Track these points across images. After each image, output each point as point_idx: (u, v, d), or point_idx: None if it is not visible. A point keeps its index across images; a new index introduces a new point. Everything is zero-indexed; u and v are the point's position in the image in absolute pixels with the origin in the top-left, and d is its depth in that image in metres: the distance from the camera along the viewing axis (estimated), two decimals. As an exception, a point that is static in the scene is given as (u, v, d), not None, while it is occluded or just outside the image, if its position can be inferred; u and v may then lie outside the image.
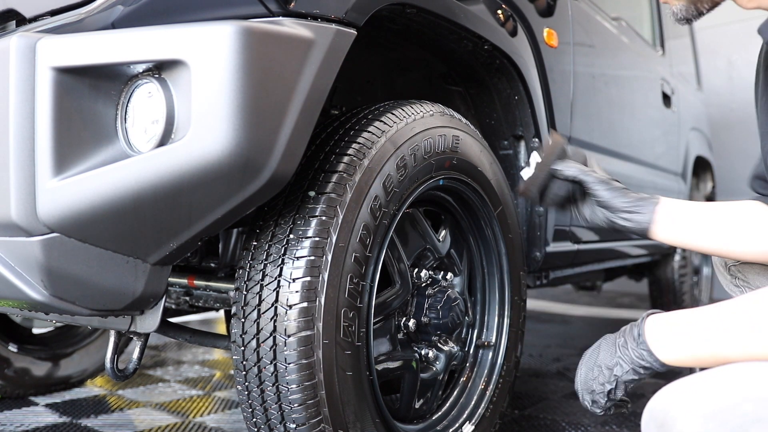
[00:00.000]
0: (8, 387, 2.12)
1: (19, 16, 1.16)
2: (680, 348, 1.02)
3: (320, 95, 1.09)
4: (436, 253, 1.52)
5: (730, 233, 1.26)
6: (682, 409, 0.92)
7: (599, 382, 1.09)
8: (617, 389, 1.08)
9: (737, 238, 1.26)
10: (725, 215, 1.27)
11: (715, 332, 0.99)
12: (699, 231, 1.27)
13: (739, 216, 1.27)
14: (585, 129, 2.19)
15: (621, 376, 1.07)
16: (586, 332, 3.92)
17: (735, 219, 1.27)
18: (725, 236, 1.26)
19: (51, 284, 1.01)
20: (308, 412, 1.14)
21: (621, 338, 1.09)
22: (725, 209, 1.28)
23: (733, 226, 1.26)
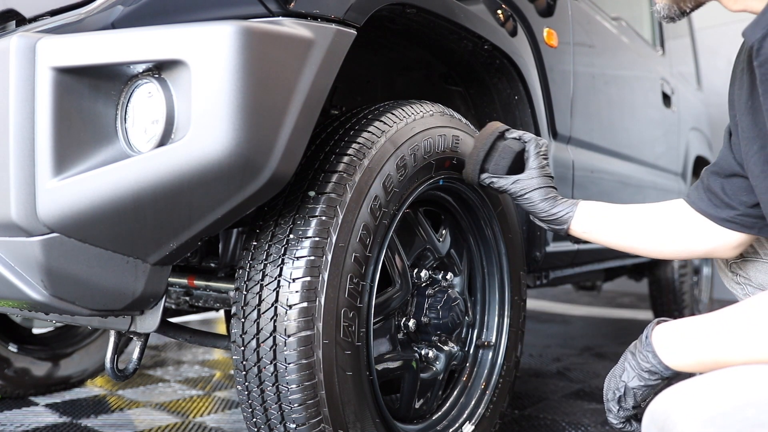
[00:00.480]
0: (8, 387, 2.12)
1: (19, 16, 1.16)
2: (685, 352, 1.03)
3: (320, 95, 1.09)
4: (436, 253, 1.52)
5: (647, 231, 1.31)
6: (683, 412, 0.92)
7: (611, 390, 1.11)
8: (626, 396, 1.09)
9: (653, 235, 1.31)
10: (644, 213, 1.33)
11: (719, 337, 1.00)
12: (620, 227, 1.32)
13: (658, 214, 1.32)
14: (585, 129, 2.19)
15: (628, 382, 1.08)
16: (586, 332, 3.92)
17: (654, 217, 1.32)
18: (642, 233, 1.32)
19: (51, 284, 1.01)
20: (308, 412, 1.14)
21: (631, 347, 1.11)
22: (648, 208, 1.34)
23: (651, 224, 1.31)
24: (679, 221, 1.30)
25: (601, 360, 3.03)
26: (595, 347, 3.34)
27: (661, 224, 1.32)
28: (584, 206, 1.34)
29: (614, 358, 3.04)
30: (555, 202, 1.34)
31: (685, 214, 1.29)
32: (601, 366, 2.90)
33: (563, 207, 1.33)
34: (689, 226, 1.28)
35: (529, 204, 1.34)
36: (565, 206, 1.33)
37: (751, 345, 0.96)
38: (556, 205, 1.33)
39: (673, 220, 1.30)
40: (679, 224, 1.29)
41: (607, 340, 3.60)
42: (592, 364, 2.93)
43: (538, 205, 1.33)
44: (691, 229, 1.28)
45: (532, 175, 1.34)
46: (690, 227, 1.28)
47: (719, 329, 1.00)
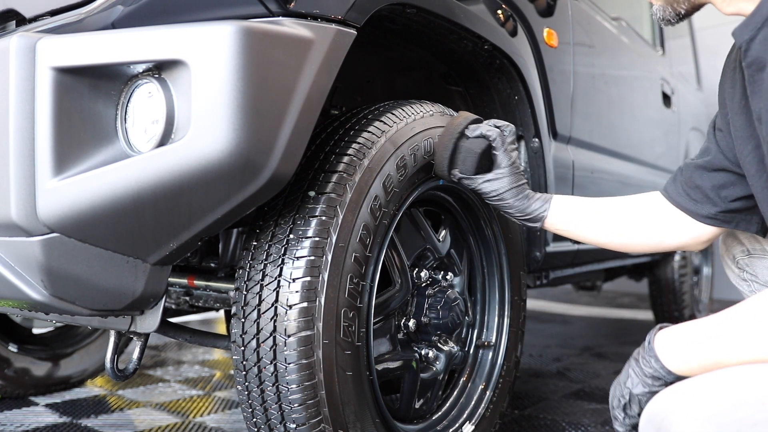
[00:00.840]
0: (8, 387, 2.12)
1: (19, 16, 1.16)
2: (687, 356, 1.03)
3: (320, 95, 1.09)
4: (436, 253, 1.52)
5: (620, 225, 1.32)
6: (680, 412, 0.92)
7: (616, 398, 1.12)
8: (632, 403, 1.09)
9: (626, 229, 1.32)
10: (621, 206, 1.33)
11: (720, 339, 1.00)
12: (592, 221, 1.32)
13: (632, 208, 1.32)
14: (585, 129, 2.19)
15: (633, 388, 1.08)
16: (586, 332, 3.92)
17: (628, 211, 1.32)
18: (615, 227, 1.32)
19: (51, 284, 1.01)
20: (308, 412, 1.14)
21: (634, 354, 1.12)
22: (622, 201, 1.33)
23: (624, 218, 1.32)
24: (653, 215, 1.30)
25: (601, 360, 3.03)
26: (595, 347, 3.34)
27: (635, 218, 1.32)
28: (558, 201, 1.33)
29: (614, 358, 3.04)
30: (528, 200, 1.32)
31: (660, 207, 1.29)
32: (601, 366, 2.90)
33: (537, 204, 1.32)
34: (663, 220, 1.29)
35: (502, 204, 1.33)
36: (538, 203, 1.32)
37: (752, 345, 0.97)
38: (530, 203, 1.32)
39: (647, 213, 1.31)
40: (653, 218, 1.30)
41: (607, 340, 3.60)
42: (592, 364, 2.93)
43: (511, 204, 1.32)
44: (666, 222, 1.28)
45: (501, 174, 1.31)
46: (664, 221, 1.29)
47: (720, 331, 1.01)
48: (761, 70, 1.01)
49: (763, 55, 1.00)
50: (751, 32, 1.02)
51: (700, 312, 3.86)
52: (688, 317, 3.61)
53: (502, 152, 1.31)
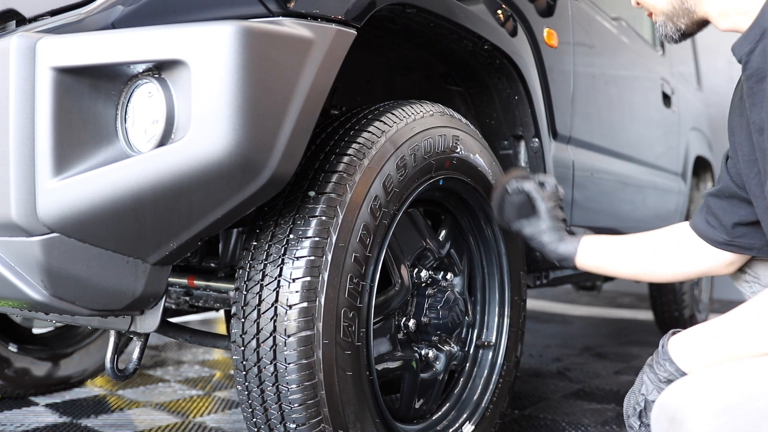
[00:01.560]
0: (8, 387, 2.11)
1: (19, 16, 1.16)
2: (701, 357, 1.04)
3: (320, 95, 1.09)
4: (436, 253, 1.52)
5: (650, 257, 1.40)
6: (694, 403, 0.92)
7: (632, 406, 1.12)
8: (647, 410, 1.09)
9: (651, 262, 1.40)
10: (646, 240, 1.42)
11: (731, 337, 1.02)
12: (619, 256, 1.43)
13: (657, 241, 1.40)
14: (585, 129, 2.19)
15: (648, 395, 1.09)
16: (586, 332, 3.92)
17: (652, 244, 1.40)
18: (644, 259, 1.41)
19: (51, 284, 1.01)
20: (308, 412, 1.14)
21: (648, 361, 1.12)
22: (648, 235, 1.44)
23: (649, 251, 1.40)
24: (678, 245, 1.36)
25: (601, 360, 3.03)
26: (595, 347, 3.34)
27: (661, 250, 1.38)
28: (587, 241, 1.44)
29: (614, 358, 3.04)
30: (560, 243, 1.45)
31: (686, 237, 1.34)
32: (601, 366, 2.90)
33: (568, 246, 1.44)
34: (688, 248, 1.34)
35: (539, 245, 1.48)
36: (569, 245, 1.44)
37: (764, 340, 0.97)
38: (562, 244, 1.45)
39: (672, 244, 1.37)
40: (678, 248, 1.36)
41: (607, 340, 3.60)
42: (592, 364, 2.93)
43: (547, 246, 1.46)
44: (690, 251, 1.34)
45: (540, 219, 1.46)
46: (688, 250, 1.34)
47: (733, 329, 1.02)
48: (761, 81, 1.03)
49: (762, 65, 1.02)
50: (750, 45, 1.05)
51: (700, 312, 3.85)
52: (688, 317, 3.60)
53: (540, 202, 1.46)
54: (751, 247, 1.25)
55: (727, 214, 1.25)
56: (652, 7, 1.22)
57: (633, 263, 1.41)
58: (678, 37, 1.21)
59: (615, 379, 2.65)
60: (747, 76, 1.07)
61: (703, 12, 1.17)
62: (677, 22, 1.19)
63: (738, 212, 1.24)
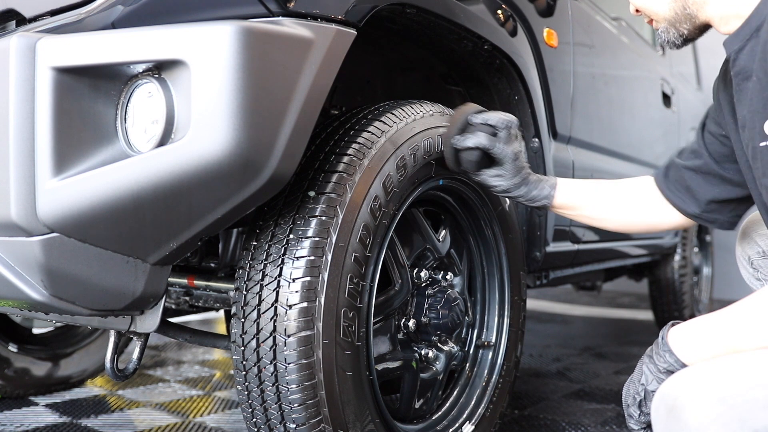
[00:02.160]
0: (8, 387, 2.11)
1: (19, 16, 1.16)
2: (701, 348, 1.05)
3: (320, 95, 1.09)
4: (436, 253, 1.52)
5: (617, 207, 1.44)
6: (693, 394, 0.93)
7: (631, 396, 1.12)
8: (647, 400, 1.10)
9: (622, 211, 1.44)
10: (616, 189, 1.45)
11: (733, 329, 1.03)
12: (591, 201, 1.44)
13: (629, 191, 1.44)
14: (585, 129, 2.19)
15: (647, 385, 1.09)
16: (586, 332, 3.92)
17: (624, 194, 1.44)
18: (612, 209, 1.44)
19: (51, 284, 1.01)
20: (308, 412, 1.14)
21: (647, 351, 1.13)
22: (618, 184, 1.46)
23: (621, 201, 1.44)
24: (648, 201, 1.41)
25: (601, 360, 3.03)
26: (595, 347, 3.34)
27: (633, 202, 1.43)
28: (562, 186, 1.42)
29: (614, 358, 3.04)
30: (532, 187, 1.38)
31: (654, 195, 1.40)
32: (601, 366, 2.90)
33: (542, 191, 1.39)
34: (657, 206, 1.40)
35: (509, 195, 1.39)
36: (544, 190, 1.39)
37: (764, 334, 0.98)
38: (535, 190, 1.38)
39: (643, 199, 1.42)
40: (648, 203, 1.41)
41: (607, 340, 3.60)
42: (592, 364, 2.93)
43: (517, 194, 1.38)
44: (659, 209, 1.40)
45: (503, 170, 1.35)
46: (657, 208, 1.40)
47: (733, 321, 1.03)
48: (747, 80, 1.06)
49: (749, 65, 1.05)
50: (740, 43, 1.08)
51: (700, 312, 3.86)
52: (688, 317, 3.60)
53: (499, 151, 1.32)
54: (716, 221, 1.34)
55: (703, 190, 1.31)
56: (654, 14, 1.23)
57: (603, 209, 1.44)
58: (680, 43, 1.23)
59: (615, 379, 2.65)
60: (735, 73, 1.10)
61: (705, 17, 1.18)
62: (680, 27, 1.21)
63: (713, 190, 1.30)
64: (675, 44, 1.23)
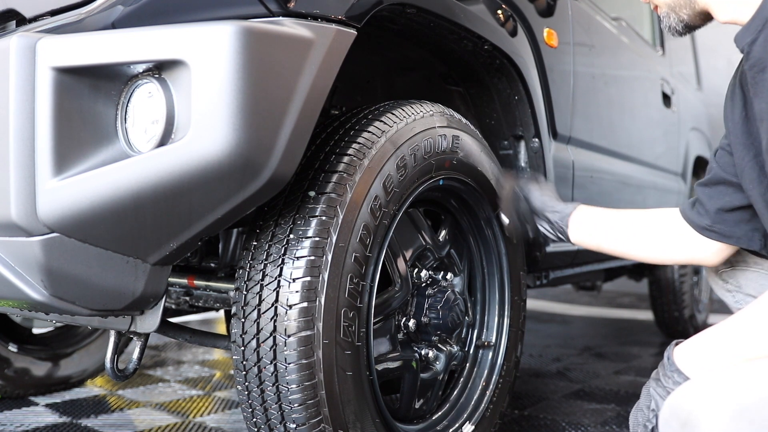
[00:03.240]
0: (8, 387, 2.11)
1: (19, 16, 1.16)
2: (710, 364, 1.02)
3: (320, 95, 1.09)
4: (436, 253, 1.52)
5: (640, 237, 1.39)
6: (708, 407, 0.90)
7: (641, 425, 1.10)
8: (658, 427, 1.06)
9: (644, 242, 1.39)
10: (638, 219, 1.42)
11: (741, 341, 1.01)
12: (610, 233, 1.41)
13: (649, 221, 1.40)
14: (585, 129, 2.19)
15: (658, 410, 1.06)
16: (586, 332, 3.92)
17: (644, 223, 1.40)
18: (635, 239, 1.40)
19: (51, 284, 1.01)
20: (308, 412, 1.14)
21: (654, 376, 1.11)
22: (640, 214, 1.43)
23: (640, 230, 1.40)
24: (666, 228, 1.36)
25: (601, 360, 3.03)
26: (595, 347, 3.34)
27: (650, 231, 1.39)
28: (582, 210, 1.44)
29: (614, 358, 3.04)
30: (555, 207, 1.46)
31: (674, 221, 1.35)
32: (601, 366, 2.90)
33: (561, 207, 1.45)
34: (674, 233, 1.34)
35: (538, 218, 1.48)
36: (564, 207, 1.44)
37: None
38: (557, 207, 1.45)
39: (661, 226, 1.37)
40: (666, 231, 1.36)
41: (607, 340, 3.60)
42: (592, 364, 2.93)
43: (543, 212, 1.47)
44: (676, 236, 1.34)
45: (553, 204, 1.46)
46: (675, 234, 1.34)
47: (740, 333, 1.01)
48: (763, 71, 1.03)
49: (764, 56, 1.02)
50: (753, 35, 1.04)
51: (700, 312, 3.85)
52: (688, 317, 3.60)
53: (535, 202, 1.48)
54: (731, 236, 1.26)
55: (712, 199, 1.27)
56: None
57: (624, 241, 1.41)
58: (682, 29, 1.21)
59: (615, 379, 2.65)
60: (749, 66, 1.07)
61: (704, 3, 1.16)
62: (679, 12, 1.19)
63: (722, 198, 1.26)
64: (677, 31, 1.22)
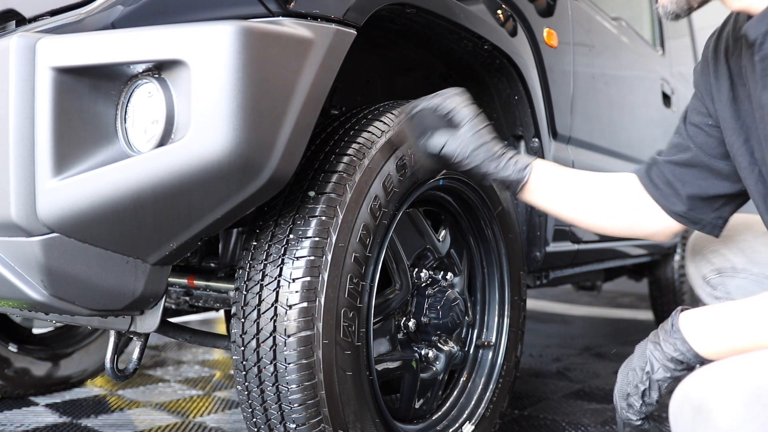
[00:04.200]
0: (8, 387, 2.12)
1: (19, 16, 1.16)
2: (718, 339, 0.98)
3: (320, 95, 1.09)
4: (436, 253, 1.52)
5: (595, 203, 1.28)
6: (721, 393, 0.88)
7: (633, 384, 1.06)
8: (651, 390, 1.04)
9: (600, 209, 1.29)
10: (595, 185, 1.29)
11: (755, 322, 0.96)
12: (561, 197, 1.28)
13: (608, 189, 1.29)
14: (585, 129, 2.19)
15: (653, 373, 1.03)
16: (586, 332, 3.92)
17: (603, 190, 1.29)
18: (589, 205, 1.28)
19: (51, 284, 1.01)
20: (308, 412, 1.14)
21: (652, 338, 1.06)
22: (598, 180, 1.30)
23: (599, 197, 1.29)
24: (628, 199, 1.28)
25: (601, 360, 3.03)
26: (595, 347, 3.34)
27: (610, 200, 1.29)
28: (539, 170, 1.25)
29: (614, 358, 3.04)
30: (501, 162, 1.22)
31: (636, 193, 1.28)
32: (601, 366, 2.90)
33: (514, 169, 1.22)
34: (637, 206, 1.27)
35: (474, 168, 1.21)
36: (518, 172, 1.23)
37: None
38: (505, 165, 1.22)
39: (623, 197, 1.29)
40: (627, 202, 1.28)
41: (607, 340, 3.60)
42: (592, 364, 2.93)
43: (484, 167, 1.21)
44: (640, 210, 1.27)
45: (461, 134, 1.19)
46: (638, 208, 1.27)
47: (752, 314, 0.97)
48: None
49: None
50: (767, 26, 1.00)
51: (700, 312, 3.85)
52: (688, 317, 3.60)
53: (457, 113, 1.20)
54: (700, 222, 1.23)
55: (686, 184, 1.22)
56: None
57: (575, 207, 1.28)
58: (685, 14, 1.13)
59: (615, 379, 2.65)
60: (761, 58, 1.02)
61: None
62: None
63: (700, 184, 1.21)
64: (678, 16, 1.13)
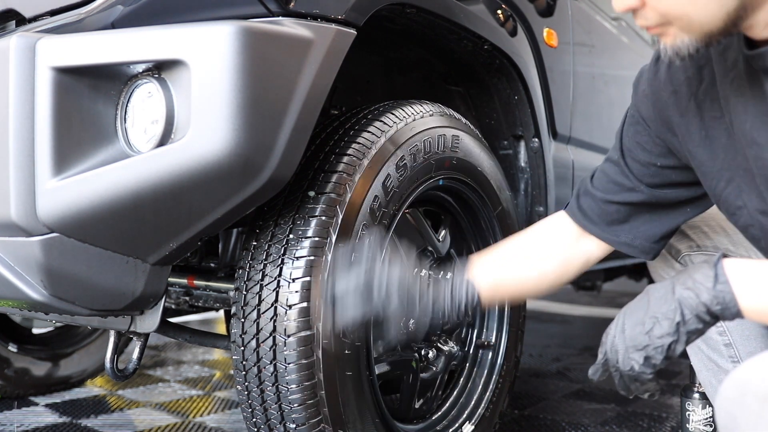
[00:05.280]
0: (8, 387, 2.11)
1: (19, 16, 1.16)
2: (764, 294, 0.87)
3: (320, 95, 1.09)
4: (436, 253, 1.52)
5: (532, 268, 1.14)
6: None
7: (656, 336, 0.90)
8: (678, 343, 0.90)
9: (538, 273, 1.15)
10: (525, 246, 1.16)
11: None
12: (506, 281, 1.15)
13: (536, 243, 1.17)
14: (585, 129, 2.19)
15: (685, 324, 0.89)
16: (586, 332, 3.92)
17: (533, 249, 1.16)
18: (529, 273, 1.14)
19: (51, 284, 1.01)
20: (308, 412, 1.14)
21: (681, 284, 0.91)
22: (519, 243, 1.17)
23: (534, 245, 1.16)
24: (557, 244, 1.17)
25: (601, 360, 3.02)
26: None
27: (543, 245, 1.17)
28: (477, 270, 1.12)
29: (614, 358, 3.03)
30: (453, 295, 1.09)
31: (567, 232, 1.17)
32: (601, 366, 2.89)
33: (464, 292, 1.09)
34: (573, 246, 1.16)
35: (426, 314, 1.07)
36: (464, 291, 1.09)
37: None
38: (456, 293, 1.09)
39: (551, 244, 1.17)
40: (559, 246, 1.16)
41: (607, 340, 3.59)
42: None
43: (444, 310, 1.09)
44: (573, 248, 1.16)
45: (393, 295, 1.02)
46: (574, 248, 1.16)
47: None
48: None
49: None
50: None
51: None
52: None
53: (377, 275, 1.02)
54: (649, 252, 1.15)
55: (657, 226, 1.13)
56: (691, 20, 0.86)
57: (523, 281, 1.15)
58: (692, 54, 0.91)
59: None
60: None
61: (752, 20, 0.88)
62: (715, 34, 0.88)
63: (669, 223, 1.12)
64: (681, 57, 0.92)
